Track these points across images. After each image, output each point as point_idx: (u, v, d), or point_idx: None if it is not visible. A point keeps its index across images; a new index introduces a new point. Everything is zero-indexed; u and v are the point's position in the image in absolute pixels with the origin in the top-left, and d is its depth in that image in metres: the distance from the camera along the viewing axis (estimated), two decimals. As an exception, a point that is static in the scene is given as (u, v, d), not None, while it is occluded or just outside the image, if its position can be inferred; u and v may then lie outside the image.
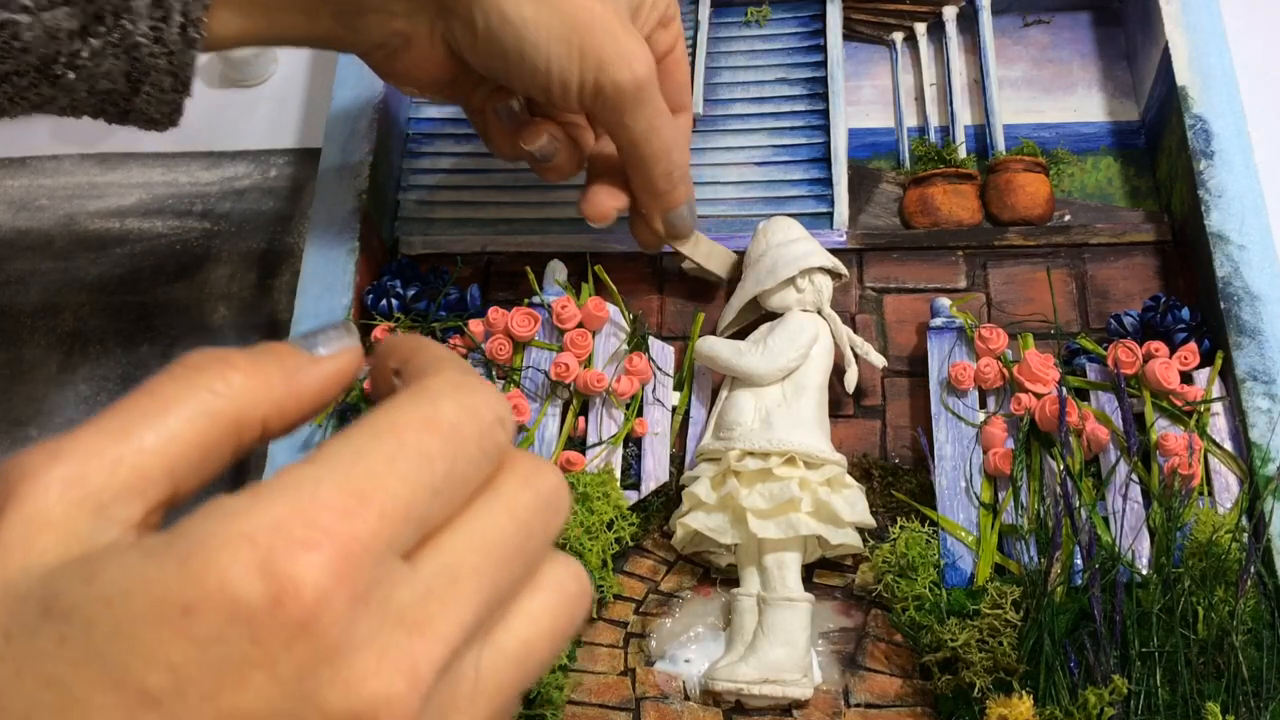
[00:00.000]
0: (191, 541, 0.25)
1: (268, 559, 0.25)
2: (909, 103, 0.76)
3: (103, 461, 0.28)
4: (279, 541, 0.25)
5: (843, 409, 0.65)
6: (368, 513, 0.27)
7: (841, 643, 0.59)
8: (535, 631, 0.31)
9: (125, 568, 0.25)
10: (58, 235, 0.79)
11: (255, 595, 0.25)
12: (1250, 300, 0.61)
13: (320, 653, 0.26)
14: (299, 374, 0.32)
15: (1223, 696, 0.52)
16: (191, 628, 0.25)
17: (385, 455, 0.28)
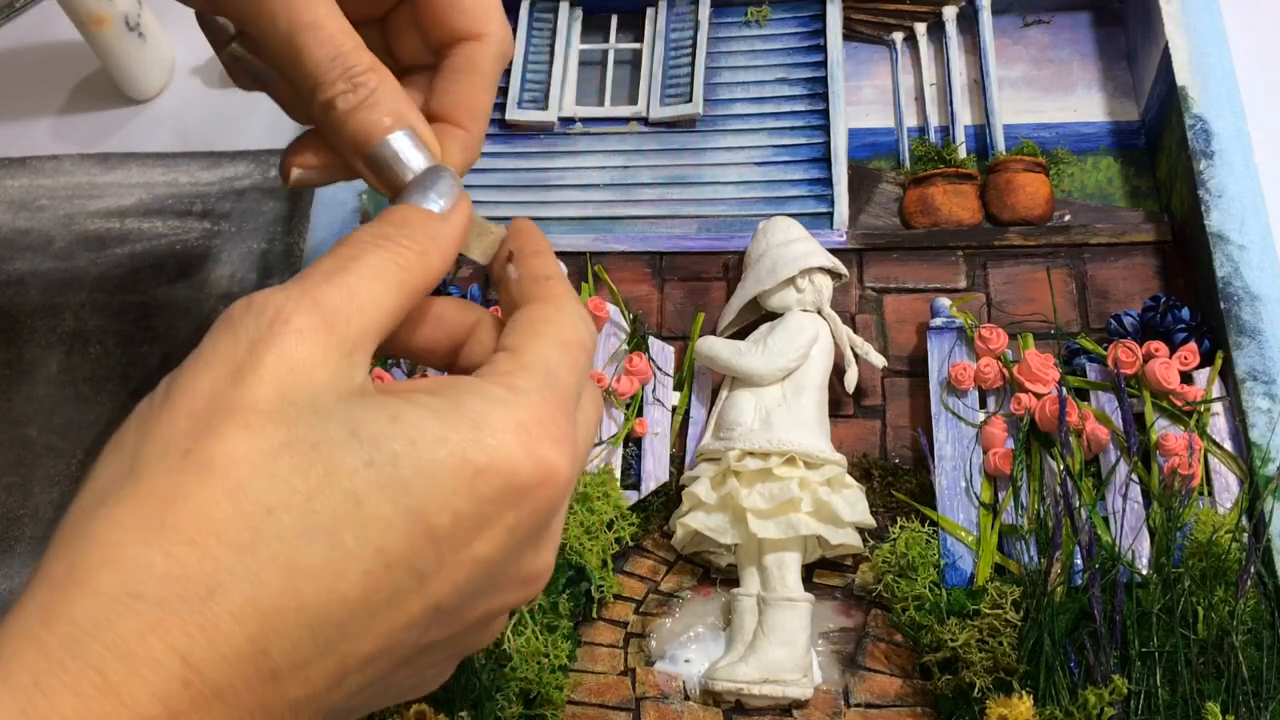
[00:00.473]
0: (479, 416, 0.32)
1: (535, 447, 0.32)
2: (909, 103, 0.76)
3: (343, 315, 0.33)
4: (543, 435, 0.33)
5: (843, 409, 0.65)
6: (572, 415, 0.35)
7: (841, 643, 0.59)
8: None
9: (424, 419, 0.31)
10: (58, 235, 0.79)
11: (526, 473, 0.32)
12: (1250, 300, 0.61)
13: (543, 524, 0.34)
14: (442, 238, 0.36)
15: (1223, 696, 0.52)
16: (478, 486, 0.31)
17: (568, 367, 0.36)
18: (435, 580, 0.31)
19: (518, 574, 0.35)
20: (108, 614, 0.27)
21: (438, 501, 0.31)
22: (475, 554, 0.32)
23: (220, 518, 0.28)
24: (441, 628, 0.33)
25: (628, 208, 0.73)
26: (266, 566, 0.28)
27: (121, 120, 0.84)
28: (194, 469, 0.29)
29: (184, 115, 0.84)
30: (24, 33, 0.89)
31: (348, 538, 0.29)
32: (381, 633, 0.31)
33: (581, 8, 0.80)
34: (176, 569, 0.28)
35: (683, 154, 0.75)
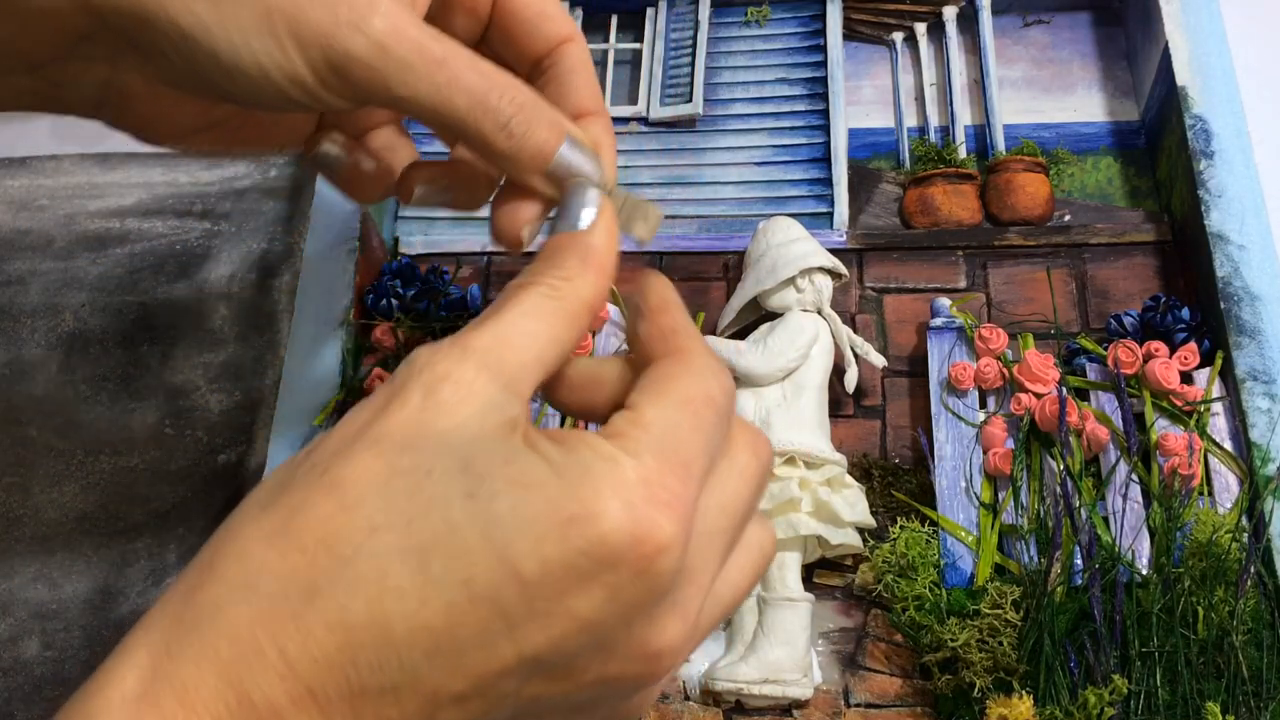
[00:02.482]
0: (583, 471, 0.32)
1: (635, 507, 0.32)
2: (909, 103, 0.76)
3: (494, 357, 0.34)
4: (648, 496, 0.32)
5: (843, 409, 0.65)
6: (691, 479, 0.34)
7: (841, 643, 0.59)
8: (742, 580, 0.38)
9: (534, 464, 0.32)
10: (58, 235, 0.79)
11: (622, 532, 0.31)
12: (1250, 300, 0.61)
13: (650, 591, 0.32)
14: (592, 255, 0.38)
15: (1223, 696, 0.52)
16: (568, 536, 0.31)
17: (691, 428, 0.35)
18: (526, 628, 0.31)
19: (631, 645, 0.33)
20: (228, 599, 0.31)
21: (526, 544, 0.31)
22: (571, 609, 0.32)
23: (331, 529, 0.31)
24: (546, 683, 0.33)
25: (628, 208, 0.73)
26: (361, 580, 0.30)
27: (121, 120, 0.84)
28: (324, 486, 0.32)
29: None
30: (24, 33, 0.89)
31: (435, 564, 0.31)
32: (471, 673, 0.31)
33: (581, 8, 0.80)
34: (287, 570, 0.31)
35: (683, 154, 0.75)
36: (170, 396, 0.72)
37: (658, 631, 0.33)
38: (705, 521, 0.35)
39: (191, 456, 0.70)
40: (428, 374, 0.34)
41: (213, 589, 0.31)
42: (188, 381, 0.73)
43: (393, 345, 0.66)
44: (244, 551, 0.31)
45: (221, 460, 0.70)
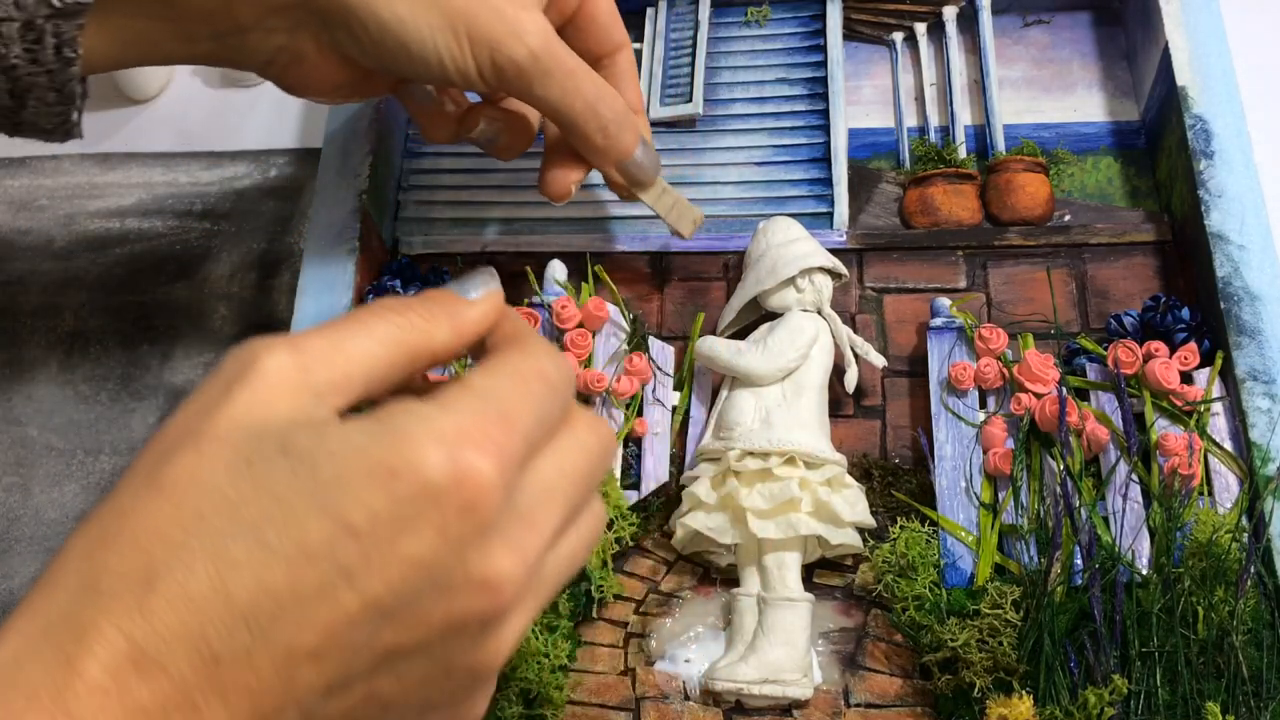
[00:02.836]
0: (399, 429, 0.35)
1: (455, 452, 0.34)
2: (909, 103, 0.76)
3: (322, 360, 0.36)
4: (464, 441, 0.35)
5: (843, 409, 0.65)
6: (514, 432, 0.36)
7: (841, 643, 0.59)
8: (580, 545, 0.41)
9: (348, 435, 0.34)
10: (58, 235, 0.79)
11: (443, 475, 0.34)
12: (1250, 300, 0.61)
13: (476, 527, 0.35)
14: (460, 316, 0.40)
15: (1223, 696, 0.53)
16: (393, 486, 0.34)
17: (518, 393, 0.37)
18: (365, 577, 0.34)
19: (467, 577, 0.35)
20: (72, 605, 0.32)
21: (354, 501, 0.33)
22: (404, 552, 0.34)
23: (162, 524, 0.33)
24: (396, 630, 0.35)
25: (628, 208, 0.73)
26: (197, 560, 0.32)
27: (121, 120, 0.84)
28: (150, 489, 0.34)
29: (184, 115, 0.84)
30: (24, 33, 0.89)
31: (270, 535, 0.33)
32: (320, 627, 0.33)
33: (581, 8, 0.80)
34: (125, 566, 0.33)
35: (683, 154, 0.75)
36: (170, 396, 0.72)
37: (490, 562, 0.35)
38: (541, 478, 0.38)
39: (191, 456, 0.70)
40: (253, 369, 0.35)
41: (57, 599, 0.33)
42: (188, 381, 0.73)
43: (393, 345, 0.66)
44: (82, 561, 0.33)
45: (221, 460, 0.70)
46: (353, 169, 0.71)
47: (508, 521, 0.36)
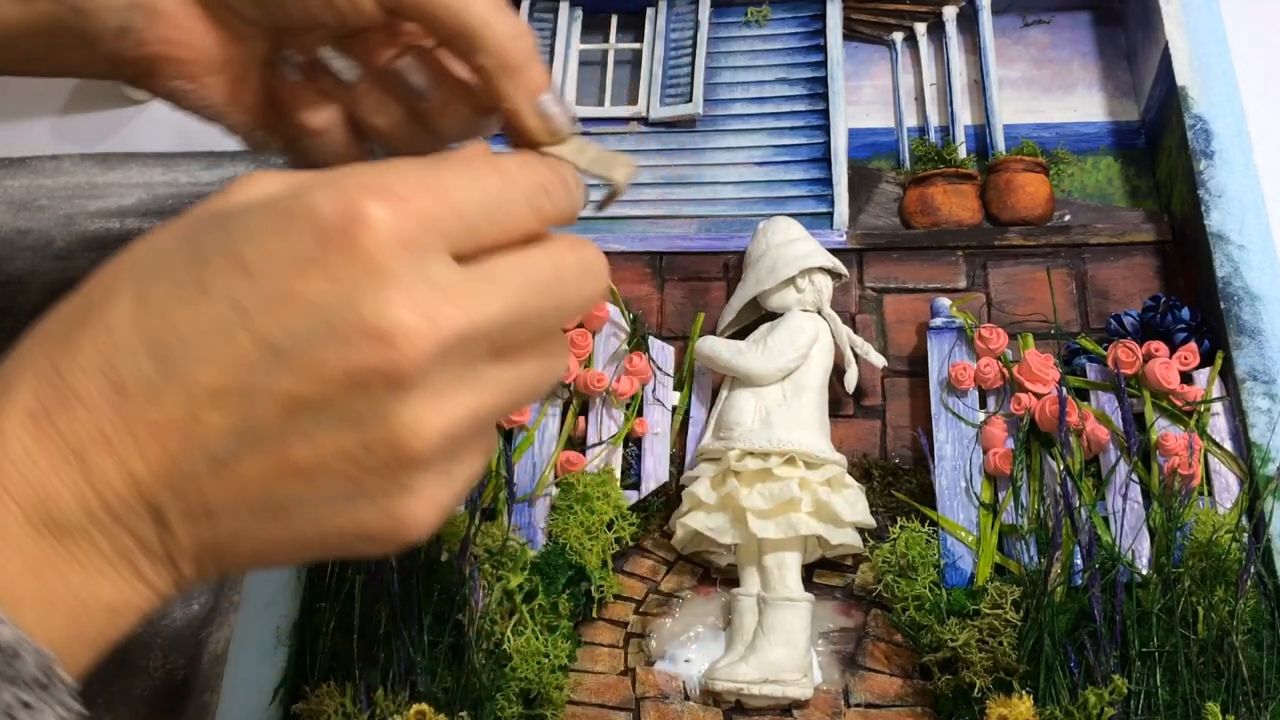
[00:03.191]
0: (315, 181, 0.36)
1: (349, 198, 0.36)
2: (909, 103, 0.76)
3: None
4: (361, 190, 0.36)
5: (843, 409, 0.65)
6: (433, 198, 0.37)
7: (841, 643, 0.59)
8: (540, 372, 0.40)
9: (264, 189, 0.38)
10: (58, 235, 0.79)
11: (332, 217, 0.35)
12: (1250, 300, 0.61)
13: (367, 271, 0.35)
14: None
15: (1223, 696, 0.52)
16: (285, 228, 0.35)
17: (455, 170, 0.38)
18: (258, 315, 0.35)
19: (361, 325, 0.35)
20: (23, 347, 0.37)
21: (250, 242, 0.36)
22: (295, 291, 0.35)
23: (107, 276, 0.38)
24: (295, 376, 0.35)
25: (628, 208, 0.73)
26: (123, 298, 0.36)
27: (121, 120, 0.84)
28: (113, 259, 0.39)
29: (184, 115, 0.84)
30: (24, 33, 0.89)
31: (180, 275, 0.36)
32: (218, 363, 0.35)
33: (581, 8, 0.80)
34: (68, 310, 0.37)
35: (683, 154, 0.75)
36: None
37: (384, 311, 0.35)
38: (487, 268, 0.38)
39: (191, 456, 0.70)
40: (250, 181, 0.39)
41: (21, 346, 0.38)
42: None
43: (393, 345, 0.66)
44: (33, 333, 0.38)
45: (221, 460, 0.70)
46: (353, 169, 0.71)
47: (414, 282, 0.36)
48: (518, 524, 0.61)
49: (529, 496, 0.62)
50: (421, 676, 0.55)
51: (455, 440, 0.38)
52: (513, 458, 0.63)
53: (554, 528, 0.61)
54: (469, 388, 0.38)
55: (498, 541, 0.59)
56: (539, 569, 0.59)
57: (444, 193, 0.37)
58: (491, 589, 0.58)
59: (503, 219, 0.39)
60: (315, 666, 0.57)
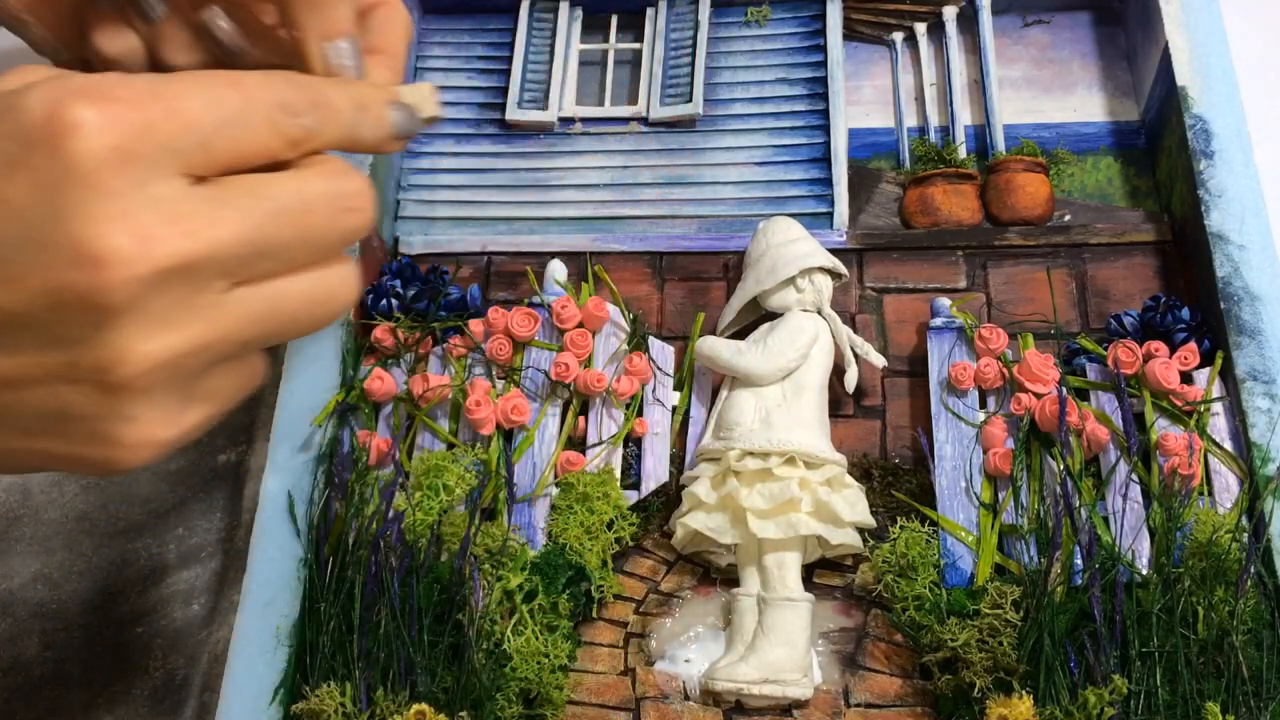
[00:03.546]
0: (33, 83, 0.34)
1: (59, 98, 0.33)
2: (909, 103, 0.76)
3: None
4: (75, 92, 0.34)
5: (843, 409, 0.65)
6: (160, 109, 0.35)
7: (841, 643, 0.59)
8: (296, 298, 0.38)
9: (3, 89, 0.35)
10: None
11: (39, 115, 0.33)
12: (1250, 300, 0.61)
13: (76, 182, 0.33)
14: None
15: (1223, 696, 0.52)
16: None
17: (187, 83, 0.36)
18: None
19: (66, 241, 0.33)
20: None
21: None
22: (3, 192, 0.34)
23: None
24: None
25: (628, 208, 0.73)
26: None
27: (121, 120, 0.84)
28: None
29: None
30: (24, 33, 0.89)
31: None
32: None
33: (581, 8, 0.80)
34: None
35: (683, 154, 0.75)
36: (170, 396, 0.72)
37: (94, 229, 0.33)
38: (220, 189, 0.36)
39: (191, 456, 0.70)
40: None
41: None
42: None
43: (393, 345, 0.66)
44: None
45: (221, 460, 0.70)
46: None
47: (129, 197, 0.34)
48: (518, 524, 0.61)
49: (529, 496, 0.62)
50: (421, 676, 0.55)
51: (182, 370, 0.36)
52: (513, 458, 0.63)
53: (554, 528, 0.61)
54: (199, 316, 0.36)
55: (498, 541, 0.59)
56: (539, 569, 0.59)
57: (173, 103, 0.35)
58: (491, 589, 0.58)
59: (240, 137, 0.36)
60: (315, 666, 0.56)
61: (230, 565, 0.66)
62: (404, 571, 0.58)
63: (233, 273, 0.36)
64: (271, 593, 0.59)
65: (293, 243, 0.37)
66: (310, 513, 0.61)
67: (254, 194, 0.36)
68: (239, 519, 0.68)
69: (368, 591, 0.57)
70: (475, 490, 0.61)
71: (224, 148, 0.36)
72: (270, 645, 0.58)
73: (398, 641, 0.56)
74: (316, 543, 0.60)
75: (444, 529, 0.59)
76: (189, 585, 0.66)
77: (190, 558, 0.67)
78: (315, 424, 0.63)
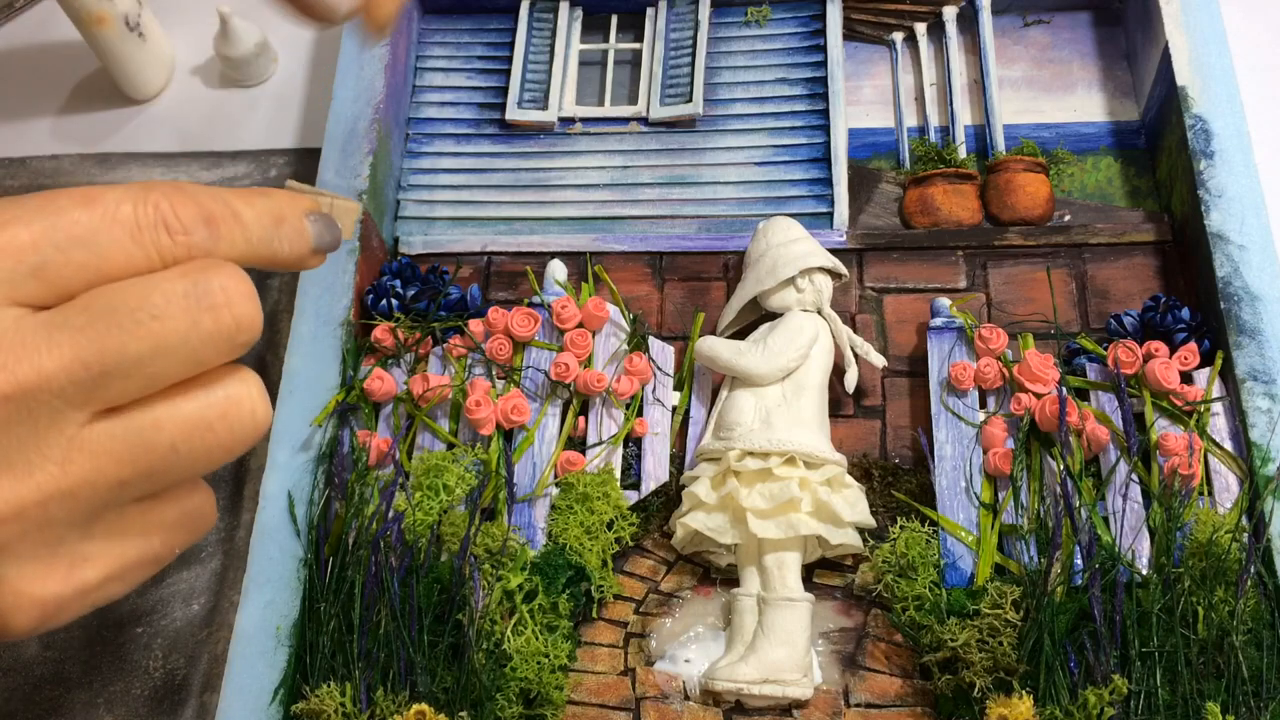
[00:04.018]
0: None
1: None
2: (909, 103, 0.76)
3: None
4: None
5: (843, 409, 0.65)
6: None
7: (841, 643, 0.59)
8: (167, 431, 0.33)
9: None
10: (57, 235, 0.79)
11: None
12: (1250, 300, 0.61)
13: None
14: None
15: (1223, 696, 0.52)
16: None
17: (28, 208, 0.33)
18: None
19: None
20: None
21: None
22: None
23: None
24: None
25: (628, 208, 0.73)
26: None
27: (121, 120, 0.84)
28: None
29: (184, 115, 0.84)
30: (24, 33, 0.89)
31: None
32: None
33: (581, 8, 0.80)
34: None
35: (683, 154, 0.75)
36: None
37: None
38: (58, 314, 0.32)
39: (191, 456, 0.70)
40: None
41: None
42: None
43: (393, 345, 0.66)
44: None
45: (221, 460, 0.70)
46: (353, 169, 0.71)
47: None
48: (518, 524, 0.61)
49: (529, 496, 0.62)
50: (421, 676, 0.55)
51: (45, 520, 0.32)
52: (513, 458, 0.63)
53: (554, 528, 0.61)
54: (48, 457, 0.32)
55: (498, 541, 0.59)
56: (539, 569, 0.59)
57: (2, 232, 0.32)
58: (491, 589, 0.58)
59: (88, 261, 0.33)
60: (315, 666, 0.56)
61: (230, 565, 0.66)
62: (404, 571, 0.58)
63: (80, 401, 0.32)
64: (271, 593, 0.59)
65: (145, 355, 0.33)
66: (310, 513, 0.61)
67: (89, 309, 0.32)
68: (239, 519, 0.68)
69: (368, 591, 0.57)
70: (475, 490, 0.61)
71: (68, 273, 0.33)
72: (270, 645, 0.58)
73: (398, 641, 0.56)
74: (316, 543, 0.60)
75: (444, 529, 0.59)
76: (189, 585, 0.66)
77: (190, 558, 0.67)
78: (315, 424, 0.63)
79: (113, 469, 0.33)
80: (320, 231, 0.39)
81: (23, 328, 0.32)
